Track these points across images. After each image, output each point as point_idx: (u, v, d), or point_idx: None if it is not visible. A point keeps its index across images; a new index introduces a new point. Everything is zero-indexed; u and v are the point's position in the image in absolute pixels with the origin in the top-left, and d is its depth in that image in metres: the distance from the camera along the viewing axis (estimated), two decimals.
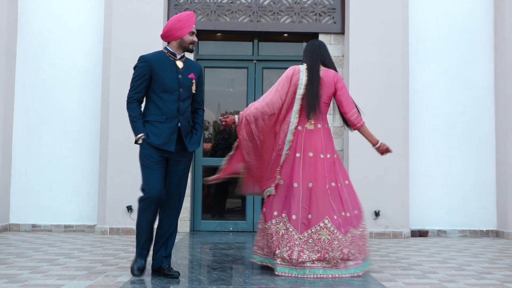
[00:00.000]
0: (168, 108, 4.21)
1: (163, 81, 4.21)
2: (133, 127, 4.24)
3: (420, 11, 7.89)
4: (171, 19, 4.34)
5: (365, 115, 7.32)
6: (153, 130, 4.19)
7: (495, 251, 6.15)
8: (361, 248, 4.54)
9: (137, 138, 4.19)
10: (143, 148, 4.22)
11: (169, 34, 4.30)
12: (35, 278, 4.20)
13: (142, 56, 4.30)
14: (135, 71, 4.26)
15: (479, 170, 7.77)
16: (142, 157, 4.23)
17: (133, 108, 4.25)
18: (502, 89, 7.67)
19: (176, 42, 4.32)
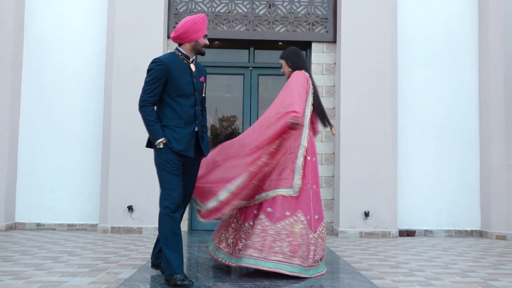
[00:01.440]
0: (185, 113, 3.94)
1: (179, 85, 3.93)
2: (152, 131, 3.89)
3: (408, 21, 7.91)
4: (186, 21, 3.99)
5: (356, 119, 7.40)
6: (173, 135, 3.89)
7: (479, 250, 6.16)
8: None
9: (158, 143, 3.85)
10: (163, 153, 3.88)
11: (184, 36, 3.98)
12: (39, 275, 4.18)
13: (158, 58, 3.95)
14: (149, 73, 3.91)
15: (464, 173, 7.79)
16: (164, 162, 3.87)
17: (149, 112, 3.89)
18: (485, 96, 7.70)
19: (190, 45, 4.02)
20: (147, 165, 7.25)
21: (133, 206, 7.23)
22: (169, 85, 3.91)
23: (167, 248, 3.78)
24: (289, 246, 4.12)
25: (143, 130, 7.18)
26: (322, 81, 7.80)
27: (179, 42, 4.04)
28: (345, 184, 7.34)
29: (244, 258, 4.08)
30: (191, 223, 7.81)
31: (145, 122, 3.92)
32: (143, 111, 3.92)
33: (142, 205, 7.25)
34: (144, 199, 7.24)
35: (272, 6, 7.89)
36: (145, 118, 3.91)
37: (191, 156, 3.96)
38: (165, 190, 3.86)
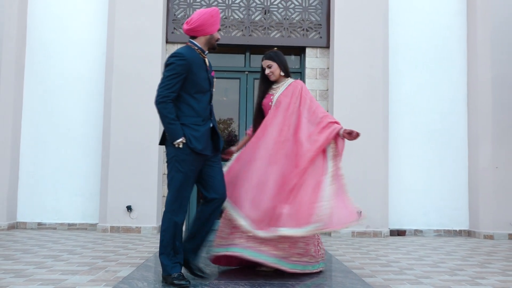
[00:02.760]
0: (203, 110, 3.70)
1: (197, 81, 3.67)
2: (172, 130, 3.58)
3: (399, 27, 7.93)
4: (203, 14, 3.74)
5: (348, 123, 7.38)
6: (193, 133, 3.63)
7: (467, 250, 6.17)
8: None
9: (178, 142, 3.58)
10: (182, 153, 3.61)
11: (200, 29, 3.73)
12: (40, 273, 4.17)
13: (179, 52, 3.64)
14: (170, 68, 3.60)
15: (453, 175, 7.81)
16: (181, 163, 3.61)
17: (170, 109, 3.58)
18: (474, 101, 7.72)
19: (205, 38, 3.78)
20: (145, 166, 7.27)
21: (132, 206, 7.21)
22: (188, 81, 3.64)
23: (165, 249, 3.66)
24: None
25: (142, 132, 7.26)
26: (316, 85, 7.81)
27: (194, 35, 3.78)
28: None
29: None
30: (187, 222, 7.78)
31: (164, 120, 3.60)
32: (163, 107, 3.59)
33: (140, 205, 7.24)
34: (142, 200, 7.23)
35: (268, 13, 7.90)
36: (166, 115, 3.58)
37: (209, 155, 3.74)
38: (177, 193, 3.64)
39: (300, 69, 8.01)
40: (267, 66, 4.48)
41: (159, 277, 4.01)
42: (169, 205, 3.66)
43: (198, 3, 7.85)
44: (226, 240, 4.13)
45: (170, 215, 3.64)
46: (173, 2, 7.85)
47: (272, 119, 4.29)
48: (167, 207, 3.67)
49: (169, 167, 3.69)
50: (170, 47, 7.80)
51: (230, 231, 4.14)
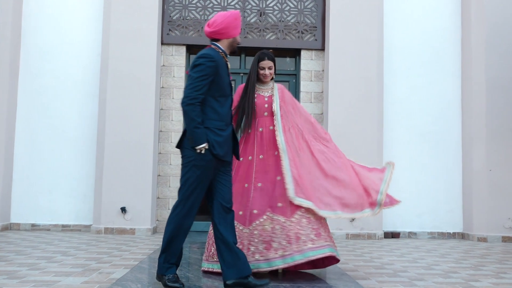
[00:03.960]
0: (226, 114, 3.60)
1: (222, 85, 3.58)
2: (197, 134, 3.45)
3: (394, 30, 7.95)
4: (227, 16, 3.66)
5: (343, 125, 7.41)
6: (216, 139, 3.52)
7: (461, 252, 6.18)
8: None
9: (201, 148, 3.46)
10: (203, 158, 3.49)
11: (224, 31, 3.64)
12: (33, 274, 4.14)
13: (208, 53, 3.54)
14: (200, 69, 3.49)
15: (447, 177, 7.82)
16: (200, 168, 3.50)
17: (197, 112, 3.45)
18: (468, 104, 7.74)
19: (228, 41, 3.69)
20: (140, 168, 7.25)
21: (126, 208, 7.19)
22: (214, 84, 3.54)
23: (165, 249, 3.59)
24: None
25: (137, 133, 7.24)
26: (311, 88, 7.82)
27: (216, 38, 3.68)
28: None
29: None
30: None
31: (191, 123, 3.45)
32: (192, 110, 3.45)
33: (135, 207, 7.22)
34: (136, 201, 7.21)
35: (263, 15, 7.90)
36: (193, 118, 3.45)
37: (229, 161, 3.67)
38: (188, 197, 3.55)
39: (295, 71, 8.01)
40: (269, 67, 4.47)
41: (153, 279, 4.00)
42: (179, 208, 3.58)
43: (194, 5, 7.85)
44: None
45: (178, 218, 3.57)
46: (169, 4, 7.85)
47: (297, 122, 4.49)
48: (176, 209, 3.59)
49: (184, 170, 3.56)
50: (165, 49, 7.79)
51: None
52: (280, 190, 4.23)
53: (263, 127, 4.40)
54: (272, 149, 4.35)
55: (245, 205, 4.24)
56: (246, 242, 4.16)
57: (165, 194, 7.62)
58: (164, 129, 7.70)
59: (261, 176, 4.30)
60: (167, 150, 7.67)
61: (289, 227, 4.12)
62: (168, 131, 7.70)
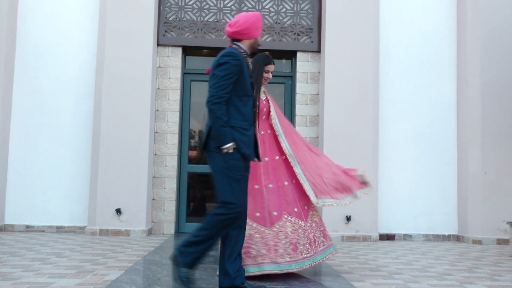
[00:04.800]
0: (249, 114, 3.57)
1: (245, 84, 3.54)
2: (224, 133, 3.41)
3: (390, 32, 7.97)
4: (250, 17, 3.66)
5: (339, 127, 7.42)
6: (242, 138, 3.49)
7: (456, 254, 6.19)
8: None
9: (228, 147, 3.43)
10: (232, 158, 3.45)
11: (247, 32, 3.63)
12: (27, 276, 4.13)
13: (233, 52, 3.51)
14: (225, 67, 3.45)
15: (442, 180, 7.84)
16: (232, 169, 3.46)
17: (223, 111, 3.42)
18: (463, 106, 7.77)
19: (249, 42, 3.67)
20: (135, 169, 7.24)
21: (121, 209, 7.18)
22: (238, 83, 3.50)
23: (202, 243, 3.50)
24: None
25: (132, 134, 7.23)
26: (307, 89, 7.82)
27: (238, 38, 3.66)
28: None
29: None
30: (177, 226, 7.77)
31: (217, 122, 3.41)
32: (218, 108, 3.41)
33: (130, 208, 7.20)
34: (132, 202, 7.20)
35: None
36: (219, 117, 3.40)
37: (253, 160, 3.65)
38: (229, 196, 3.46)
39: (291, 73, 8.02)
40: (271, 71, 4.55)
41: (147, 280, 3.99)
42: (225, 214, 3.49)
43: (190, 6, 7.85)
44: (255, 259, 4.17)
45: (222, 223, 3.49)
46: (165, 5, 7.84)
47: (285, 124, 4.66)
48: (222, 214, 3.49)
49: (218, 177, 3.49)
50: (161, 50, 7.79)
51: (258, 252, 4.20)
52: (293, 194, 4.44)
53: (264, 130, 4.51)
54: (273, 152, 4.50)
55: (261, 206, 4.30)
56: (272, 243, 4.22)
57: (160, 196, 7.60)
58: (160, 130, 7.69)
59: (269, 178, 4.40)
60: (162, 152, 7.66)
61: (309, 229, 4.37)
62: (164, 132, 7.69)
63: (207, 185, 8.10)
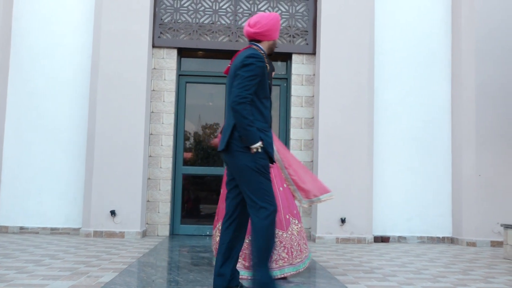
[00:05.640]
0: (268, 116, 3.55)
1: (265, 86, 3.52)
2: (251, 133, 3.37)
3: (385, 35, 7.99)
4: (271, 18, 3.63)
5: (333, 129, 7.44)
6: (266, 138, 3.46)
7: (450, 256, 6.20)
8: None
9: (257, 146, 3.39)
10: (260, 157, 3.41)
11: (268, 33, 3.62)
12: (21, 278, 4.11)
13: (258, 53, 3.48)
14: (250, 68, 3.43)
15: (436, 182, 7.86)
16: (261, 168, 3.41)
17: (249, 111, 3.38)
18: (457, 109, 7.79)
19: (268, 43, 3.66)
20: (130, 171, 7.22)
21: (116, 211, 7.16)
22: (260, 85, 3.48)
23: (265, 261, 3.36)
24: None
25: (127, 136, 7.22)
26: (302, 92, 7.83)
27: (258, 39, 3.65)
28: None
29: None
30: (172, 227, 7.76)
31: (243, 122, 3.36)
32: (243, 108, 3.37)
33: (124, 210, 7.18)
34: (126, 204, 7.18)
35: None
36: (246, 117, 3.36)
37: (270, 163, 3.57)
38: (266, 195, 3.39)
39: (286, 75, 8.03)
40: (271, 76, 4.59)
41: (142, 283, 3.99)
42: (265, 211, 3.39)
43: (185, 8, 7.85)
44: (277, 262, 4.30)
45: (267, 221, 3.38)
46: (160, 7, 7.84)
47: None
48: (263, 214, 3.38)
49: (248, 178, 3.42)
50: (157, 51, 7.78)
51: None
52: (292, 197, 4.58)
53: None
54: None
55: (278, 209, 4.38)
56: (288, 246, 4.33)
57: (155, 197, 7.59)
58: (155, 132, 7.68)
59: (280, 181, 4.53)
60: (157, 153, 7.65)
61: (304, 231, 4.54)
62: (159, 134, 7.68)
63: (202, 187, 8.10)
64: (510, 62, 7.57)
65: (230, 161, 3.51)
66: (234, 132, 3.45)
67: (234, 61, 3.61)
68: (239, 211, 3.59)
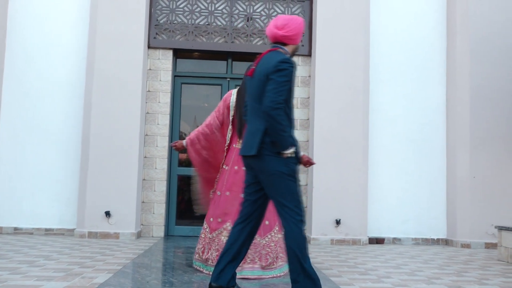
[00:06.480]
0: (293, 121, 3.49)
1: (292, 91, 3.47)
2: (287, 138, 3.34)
3: (380, 38, 8.01)
4: (299, 22, 3.58)
5: (329, 131, 7.44)
6: (296, 144, 3.43)
7: (444, 258, 6.22)
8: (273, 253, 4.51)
9: (292, 152, 3.36)
10: (292, 162, 3.39)
11: (295, 37, 3.56)
12: (15, 279, 4.09)
13: (290, 59, 3.42)
14: (285, 73, 3.37)
15: (431, 184, 7.88)
16: (293, 173, 3.39)
17: (283, 116, 3.33)
18: (452, 112, 7.82)
19: (292, 47, 3.59)
20: (125, 171, 7.20)
21: (111, 211, 7.14)
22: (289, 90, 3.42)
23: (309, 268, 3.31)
24: None
25: (122, 136, 7.21)
26: (297, 93, 7.84)
27: (285, 42, 3.57)
28: (318, 193, 7.37)
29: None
30: (167, 228, 7.74)
31: (279, 127, 3.31)
32: (278, 114, 3.31)
33: (119, 211, 7.16)
34: (121, 205, 7.16)
35: (250, 20, 7.92)
36: (280, 122, 3.31)
37: None
38: (297, 202, 3.37)
39: None
40: None
41: (136, 284, 3.98)
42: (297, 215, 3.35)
43: (181, 9, 7.84)
44: None
45: (300, 225, 3.35)
46: (156, 8, 7.83)
47: None
48: (296, 218, 3.34)
49: (280, 182, 3.37)
50: (152, 52, 7.77)
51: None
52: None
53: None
54: None
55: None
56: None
57: (150, 198, 7.58)
58: (150, 133, 7.67)
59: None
60: (152, 154, 7.64)
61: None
62: (154, 135, 7.67)
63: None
64: (505, 65, 7.61)
65: (258, 166, 3.45)
66: (265, 137, 3.39)
67: (263, 64, 3.49)
68: (257, 214, 3.57)
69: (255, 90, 3.49)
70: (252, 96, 3.53)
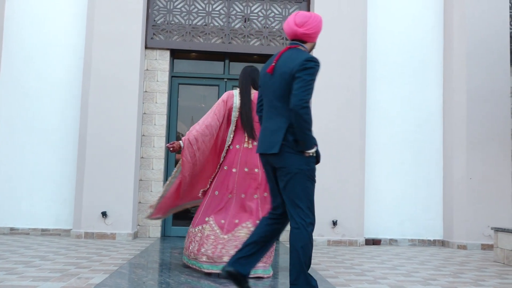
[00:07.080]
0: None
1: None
2: (310, 137, 3.30)
3: (377, 40, 8.02)
4: (319, 20, 3.54)
5: (326, 132, 7.45)
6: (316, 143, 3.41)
7: (441, 259, 6.23)
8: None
9: (314, 151, 3.34)
10: (313, 162, 3.38)
11: (315, 36, 3.53)
12: (11, 279, 4.08)
13: (315, 57, 3.37)
14: (312, 72, 3.32)
15: (428, 185, 7.89)
16: (312, 173, 3.37)
17: (310, 115, 3.29)
18: (448, 113, 7.83)
19: (311, 45, 3.56)
20: (121, 172, 7.20)
21: (107, 212, 7.13)
22: None
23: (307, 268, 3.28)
24: None
25: (118, 137, 7.20)
26: None
27: (304, 40, 3.52)
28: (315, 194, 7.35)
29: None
30: (163, 229, 7.74)
31: (305, 126, 3.27)
32: (305, 112, 3.26)
33: (115, 211, 7.16)
34: (118, 205, 7.16)
35: (248, 21, 7.92)
36: (307, 121, 3.27)
37: None
38: (310, 204, 3.37)
39: None
40: None
41: (132, 284, 3.97)
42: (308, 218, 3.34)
43: (178, 10, 7.84)
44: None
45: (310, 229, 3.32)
46: (153, 8, 7.83)
47: None
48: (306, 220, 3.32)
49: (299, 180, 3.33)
50: (149, 53, 7.77)
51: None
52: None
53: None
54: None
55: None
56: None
57: (146, 199, 7.57)
58: (147, 133, 7.66)
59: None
60: (149, 155, 7.63)
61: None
62: (151, 135, 7.66)
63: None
64: (501, 67, 7.64)
65: (279, 164, 3.37)
66: (288, 135, 3.34)
67: (284, 61, 3.42)
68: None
69: (277, 88, 3.41)
70: (274, 94, 3.43)
